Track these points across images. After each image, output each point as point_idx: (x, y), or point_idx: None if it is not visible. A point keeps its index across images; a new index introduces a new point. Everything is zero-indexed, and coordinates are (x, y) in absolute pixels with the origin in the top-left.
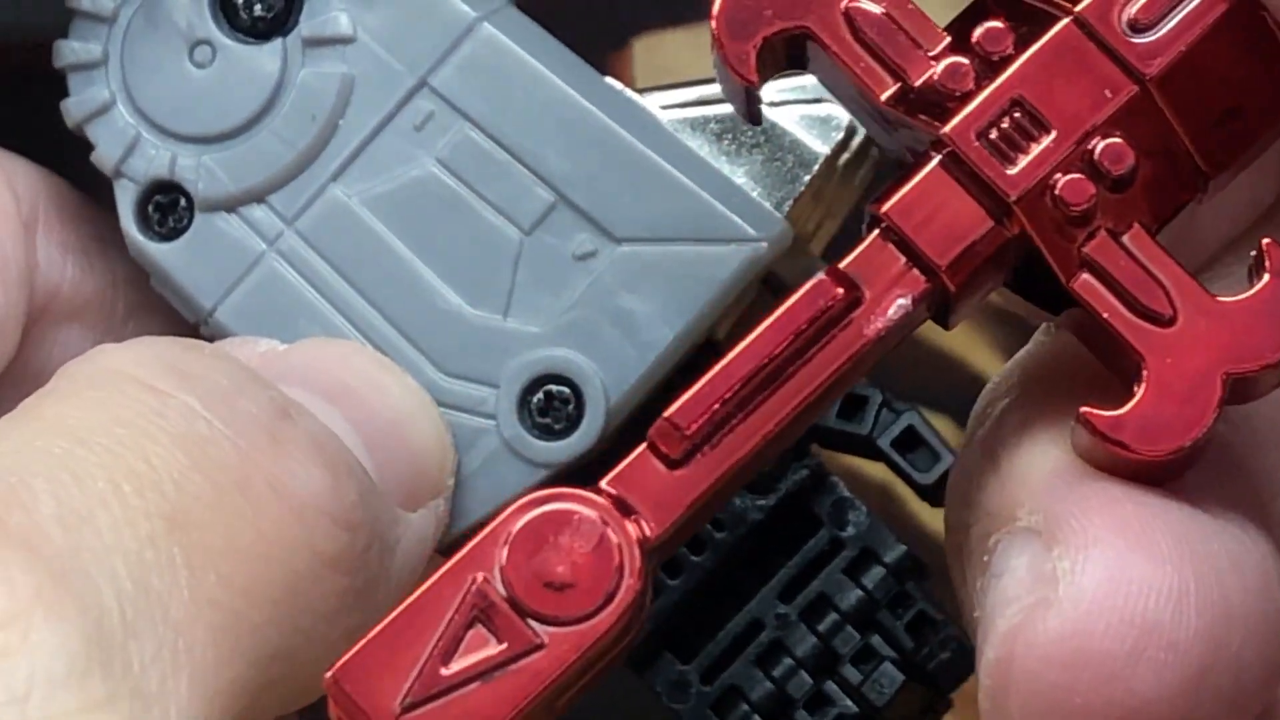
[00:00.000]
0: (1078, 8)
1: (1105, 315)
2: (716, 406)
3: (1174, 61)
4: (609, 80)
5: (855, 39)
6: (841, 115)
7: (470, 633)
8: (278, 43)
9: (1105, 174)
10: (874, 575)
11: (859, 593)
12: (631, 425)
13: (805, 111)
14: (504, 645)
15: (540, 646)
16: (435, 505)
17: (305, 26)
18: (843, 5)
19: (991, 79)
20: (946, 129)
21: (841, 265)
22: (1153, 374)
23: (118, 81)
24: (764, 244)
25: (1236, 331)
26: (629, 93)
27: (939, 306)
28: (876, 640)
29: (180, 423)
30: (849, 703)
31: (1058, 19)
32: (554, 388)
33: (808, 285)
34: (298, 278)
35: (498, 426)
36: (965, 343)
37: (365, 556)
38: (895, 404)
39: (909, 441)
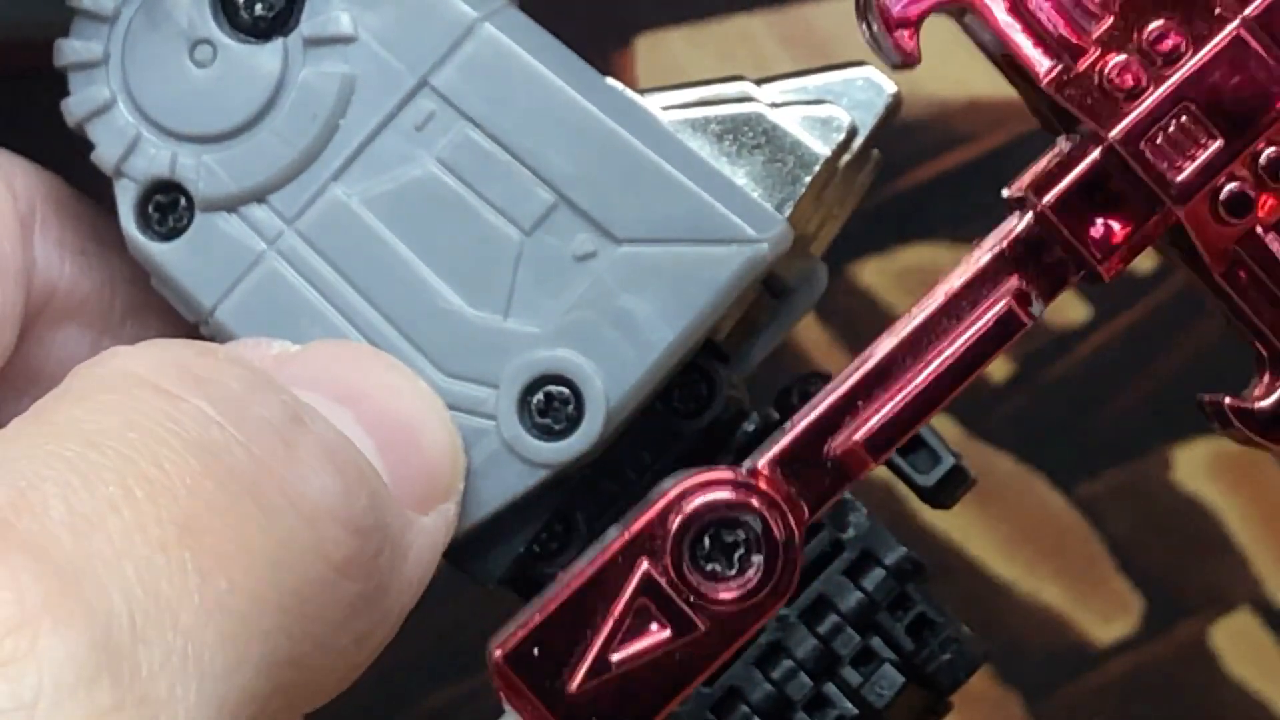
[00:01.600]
0: (1246, 10)
1: (1246, 308)
2: (892, 431)
3: None
4: (610, 81)
5: (1017, 13)
6: (843, 117)
7: (635, 618)
8: (278, 42)
9: (1268, 180)
10: (874, 577)
11: (859, 594)
12: (632, 425)
13: (806, 113)
14: (669, 633)
15: (706, 634)
16: (446, 508)
17: (306, 26)
18: None
19: (1159, 80)
20: (1115, 133)
21: (1004, 251)
22: None
23: (118, 81)
24: (765, 245)
25: None
26: (630, 93)
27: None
28: (876, 642)
29: (192, 427)
30: (849, 705)
31: (1226, 20)
32: (554, 388)
33: (997, 309)
34: (298, 277)
35: (497, 427)
36: None
37: (376, 562)
38: None
39: (909, 443)
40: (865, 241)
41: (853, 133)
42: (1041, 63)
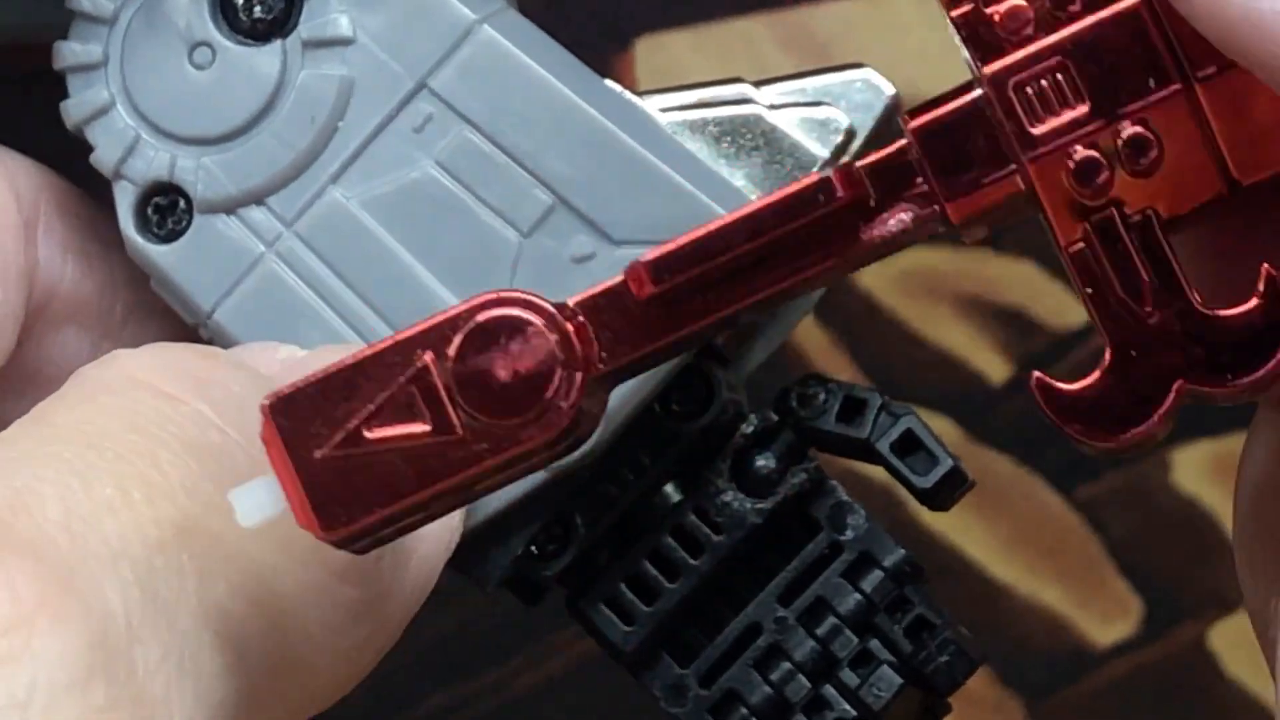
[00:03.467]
0: None
1: (1087, 291)
2: (695, 268)
3: (1227, 69)
4: (608, 83)
5: None
6: (841, 118)
7: (401, 406)
8: (277, 44)
9: (1125, 160)
10: (872, 579)
11: (857, 596)
12: (630, 428)
13: (805, 114)
14: (429, 427)
15: (462, 440)
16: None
17: (305, 28)
18: None
19: (1048, 32)
20: (987, 70)
21: (857, 164)
22: (1113, 362)
23: (117, 83)
24: None
25: (1206, 346)
26: (628, 95)
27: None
28: (875, 644)
29: (192, 430)
30: (847, 706)
31: None
32: None
33: (816, 176)
34: (296, 279)
35: None
36: (965, 343)
37: (377, 568)
38: (893, 407)
39: (908, 445)
40: None
41: (851, 135)
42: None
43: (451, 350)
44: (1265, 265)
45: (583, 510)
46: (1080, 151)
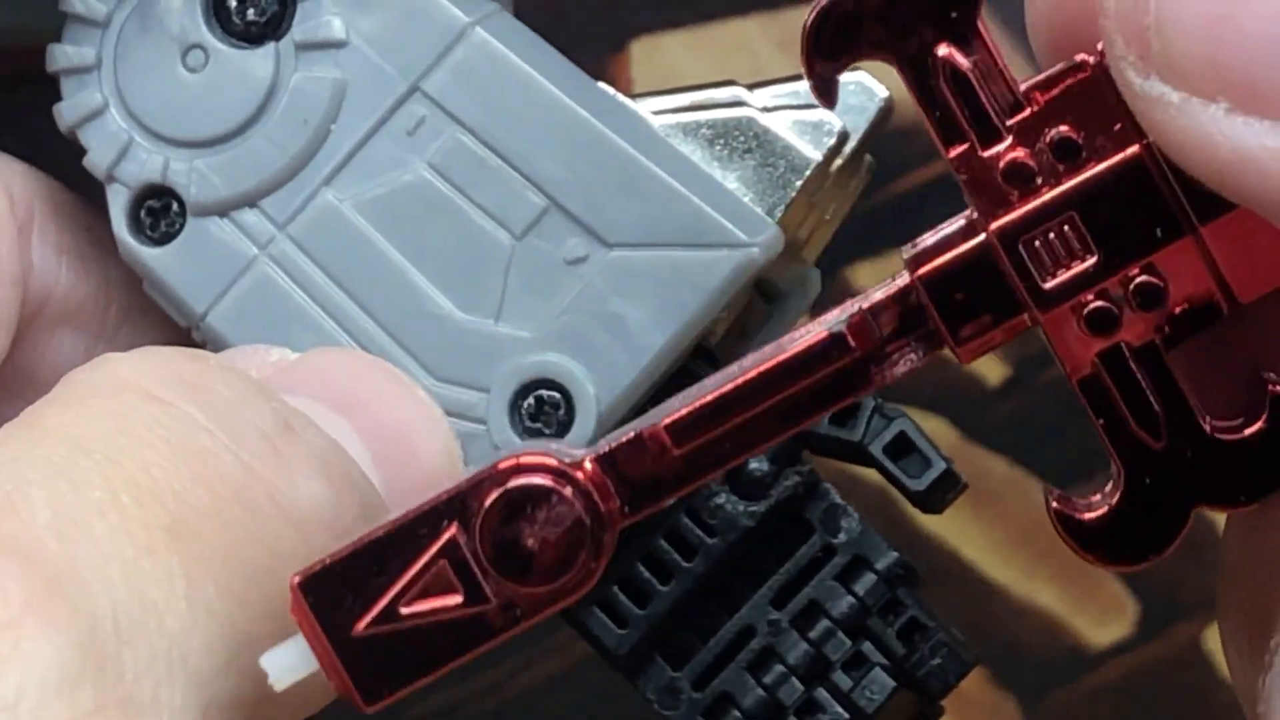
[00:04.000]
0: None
1: (1101, 422)
2: (713, 429)
3: (1230, 215)
4: (601, 85)
5: (938, 86)
6: (834, 121)
7: (433, 579)
8: (270, 47)
9: (1134, 303)
10: (865, 582)
11: (850, 599)
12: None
13: (798, 117)
14: (461, 599)
15: (496, 608)
16: None
17: (298, 31)
18: (937, 50)
19: (1052, 185)
20: (994, 225)
21: (866, 307)
22: (1128, 489)
23: (110, 86)
24: (755, 249)
25: (1219, 470)
26: (621, 98)
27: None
28: (867, 647)
29: (182, 433)
30: (840, 709)
31: (1130, 140)
32: (545, 393)
33: (826, 334)
34: (289, 282)
35: (488, 431)
36: None
37: None
38: (887, 409)
39: (901, 448)
40: (858, 246)
41: (844, 137)
42: (953, 139)
43: (477, 522)
44: (1271, 385)
45: None
46: (1092, 302)
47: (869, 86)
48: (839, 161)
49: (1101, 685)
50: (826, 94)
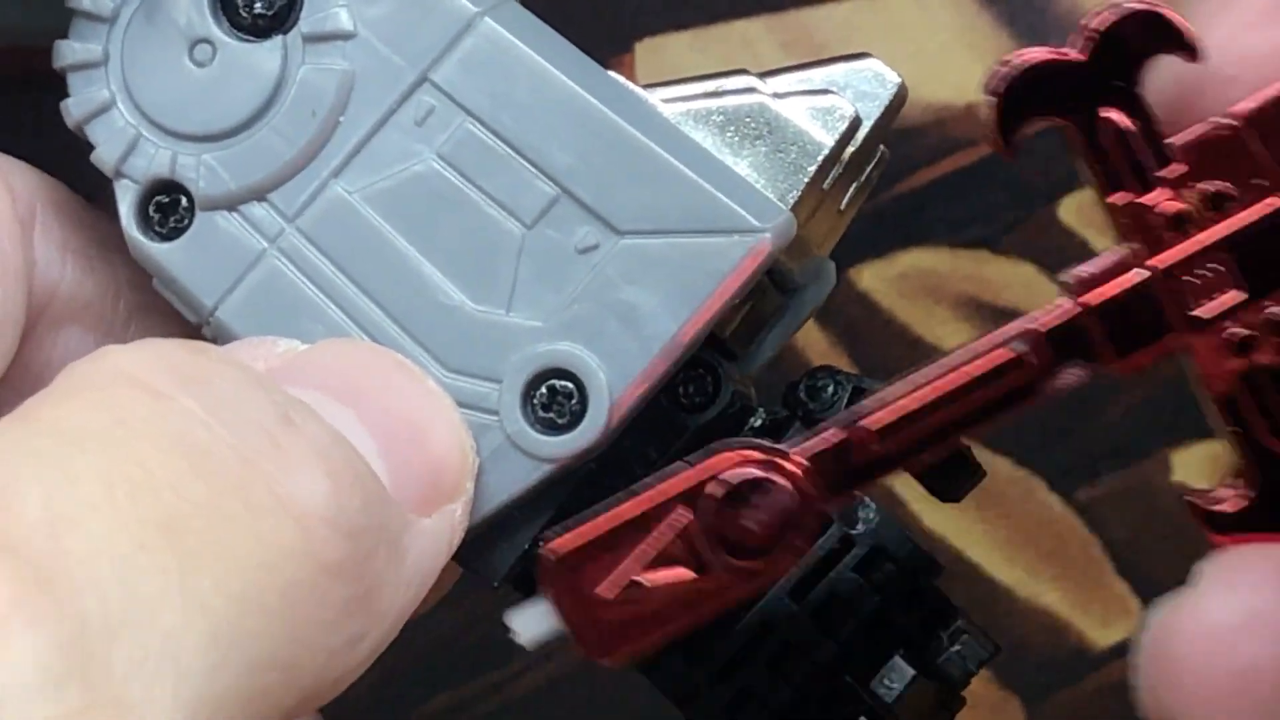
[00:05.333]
0: None
1: (1233, 430)
2: (910, 432)
3: None
4: (611, 74)
5: (1102, 142)
6: (846, 107)
7: (669, 556)
8: (278, 40)
9: (1271, 332)
10: (885, 572)
11: (870, 590)
12: (637, 420)
13: (810, 103)
14: (692, 573)
15: (719, 580)
16: (451, 510)
17: (305, 23)
18: (1102, 112)
19: (1202, 228)
20: (1157, 263)
21: (1042, 330)
22: (1263, 488)
23: (118, 81)
24: (768, 234)
25: None
26: (631, 85)
27: None
28: (888, 637)
29: (180, 427)
30: (861, 701)
31: (1270, 192)
32: (557, 382)
33: (1010, 353)
34: (299, 275)
35: (500, 422)
36: None
37: (368, 565)
38: None
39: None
40: (864, 246)
41: (856, 123)
42: (1116, 188)
43: (706, 508)
44: None
45: (589, 504)
46: (1239, 331)
47: (881, 73)
48: (851, 148)
49: (1105, 685)
50: (1012, 153)
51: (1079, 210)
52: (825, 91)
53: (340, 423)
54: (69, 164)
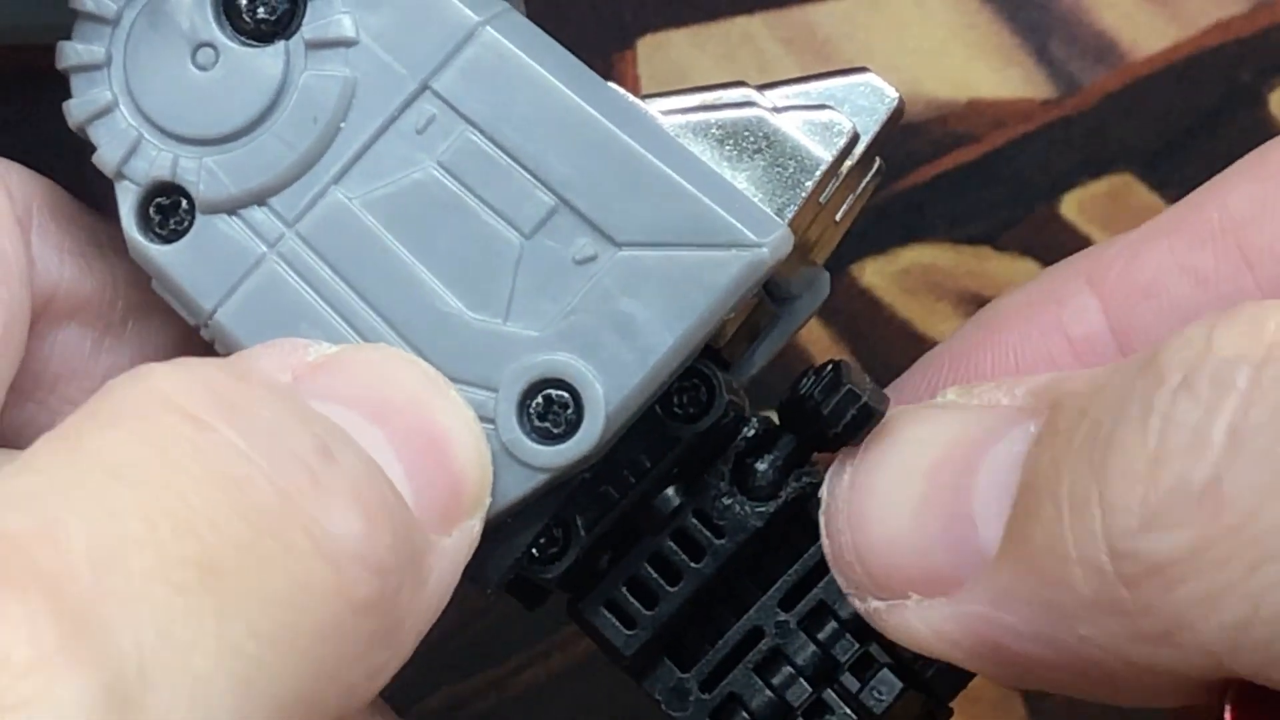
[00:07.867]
0: None
1: None
2: None
3: None
4: (611, 85)
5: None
6: (844, 122)
7: None
8: (280, 45)
9: None
10: None
11: None
12: (631, 430)
13: (808, 117)
14: None
15: None
16: (470, 525)
17: (308, 29)
18: None
19: None
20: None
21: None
22: None
23: (120, 83)
24: (765, 249)
25: None
26: (631, 97)
27: None
28: (875, 648)
29: (221, 460)
30: (848, 710)
31: None
32: (553, 392)
33: None
34: (298, 280)
35: (496, 430)
36: None
37: (396, 599)
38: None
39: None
40: (865, 242)
41: (854, 138)
42: None
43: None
44: None
45: (583, 513)
46: None
47: (879, 88)
48: (849, 163)
49: None
50: None
51: (1080, 207)
52: (824, 106)
53: (370, 444)
54: (74, 160)
